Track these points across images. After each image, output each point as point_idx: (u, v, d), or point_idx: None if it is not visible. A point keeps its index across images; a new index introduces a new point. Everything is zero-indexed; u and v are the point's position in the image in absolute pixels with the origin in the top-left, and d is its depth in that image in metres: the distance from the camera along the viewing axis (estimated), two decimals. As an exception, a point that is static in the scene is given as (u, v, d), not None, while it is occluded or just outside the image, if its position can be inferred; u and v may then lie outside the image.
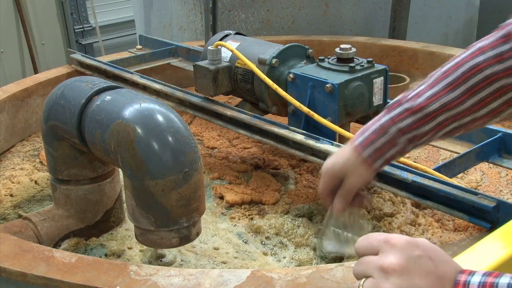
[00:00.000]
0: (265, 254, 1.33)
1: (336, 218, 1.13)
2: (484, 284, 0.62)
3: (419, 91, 1.02)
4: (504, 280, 0.61)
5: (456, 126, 1.02)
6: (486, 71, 0.96)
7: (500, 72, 0.95)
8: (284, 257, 1.31)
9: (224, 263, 1.28)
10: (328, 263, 1.25)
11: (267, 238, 1.37)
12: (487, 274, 0.63)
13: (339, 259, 1.25)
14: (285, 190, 1.60)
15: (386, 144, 1.03)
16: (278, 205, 1.51)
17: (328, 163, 1.10)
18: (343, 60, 1.54)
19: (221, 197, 1.58)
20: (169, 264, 1.28)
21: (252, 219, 1.47)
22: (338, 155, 1.09)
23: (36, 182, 1.70)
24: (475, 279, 0.63)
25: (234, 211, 1.52)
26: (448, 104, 0.99)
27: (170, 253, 1.30)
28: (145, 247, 1.31)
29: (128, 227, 1.43)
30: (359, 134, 1.06)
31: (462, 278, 0.64)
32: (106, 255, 1.32)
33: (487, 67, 0.96)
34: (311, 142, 1.41)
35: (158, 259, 1.28)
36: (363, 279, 0.69)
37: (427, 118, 1.00)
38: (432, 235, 1.33)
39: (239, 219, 1.48)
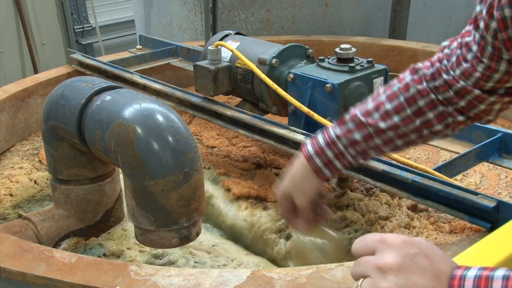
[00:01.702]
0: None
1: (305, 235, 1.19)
2: (480, 277, 0.62)
3: (370, 108, 1.09)
4: (500, 272, 0.62)
5: (402, 143, 1.10)
6: (431, 96, 1.05)
7: (442, 100, 1.04)
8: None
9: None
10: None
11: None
12: (482, 268, 0.63)
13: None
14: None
15: (334, 157, 1.11)
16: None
17: (279, 187, 1.16)
18: (343, 60, 1.54)
19: (229, 189, 1.59)
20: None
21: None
22: (288, 175, 1.15)
23: (35, 182, 1.70)
24: (471, 273, 0.63)
25: (241, 202, 1.53)
26: (398, 123, 1.07)
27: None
28: (144, 247, 1.31)
29: (124, 226, 1.42)
30: (310, 143, 1.13)
31: (458, 273, 0.64)
32: (104, 254, 1.32)
33: (431, 92, 1.05)
34: (311, 142, 1.40)
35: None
36: (361, 280, 0.69)
37: (376, 133, 1.08)
38: (427, 237, 1.32)
39: (246, 209, 1.49)
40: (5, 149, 1.95)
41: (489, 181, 1.59)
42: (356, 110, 1.11)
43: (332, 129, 1.12)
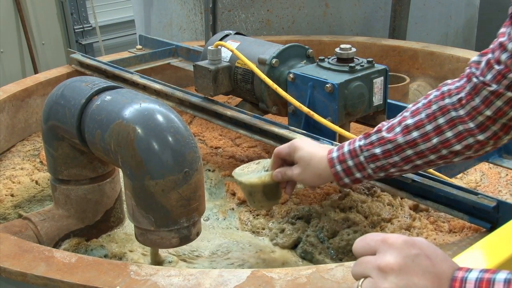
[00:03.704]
0: None
1: (263, 167, 1.28)
2: (481, 280, 0.62)
3: (394, 123, 1.10)
4: (501, 275, 0.61)
5: (422, 163, 1.10)
6: (451, 113, 1.04)
7: (463, 116, 1.03)
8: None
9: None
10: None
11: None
12: (484, 270, 0.63)
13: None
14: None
15: (354, 167, 1.13)
16: (286, 205, 1.50)
17: (302, 145, 1.18)
18: (343, 60, 1.54)
19: (234, 194, 1.59)
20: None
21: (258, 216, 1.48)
22: (313, 150, 1.18)
23: (37, 182, 1.70)
24: (472, 275, 0.63)
25: (245, 208, 1.52)
26: (416, 139, 1.07)
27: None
28: (148, 251, 1.31)
29: (127, 231, 1.42)
30: (336, 148, 1.16)
31: (460, 274, 0.64)
32: (106, 256, 1.32)
33: (451, 110, 1.04)
34: (311, 142, 1.40)
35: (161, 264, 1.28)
36: (362, 279, 0.69)
37: (396, 150, 1.09)
38: (426, 237, 1.32)
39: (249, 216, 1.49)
40: (5, 149, 1.95)
41: (489, 179, 1.59)
42: (385, 123, 1.12)
43: (358, 139, 1.14)
